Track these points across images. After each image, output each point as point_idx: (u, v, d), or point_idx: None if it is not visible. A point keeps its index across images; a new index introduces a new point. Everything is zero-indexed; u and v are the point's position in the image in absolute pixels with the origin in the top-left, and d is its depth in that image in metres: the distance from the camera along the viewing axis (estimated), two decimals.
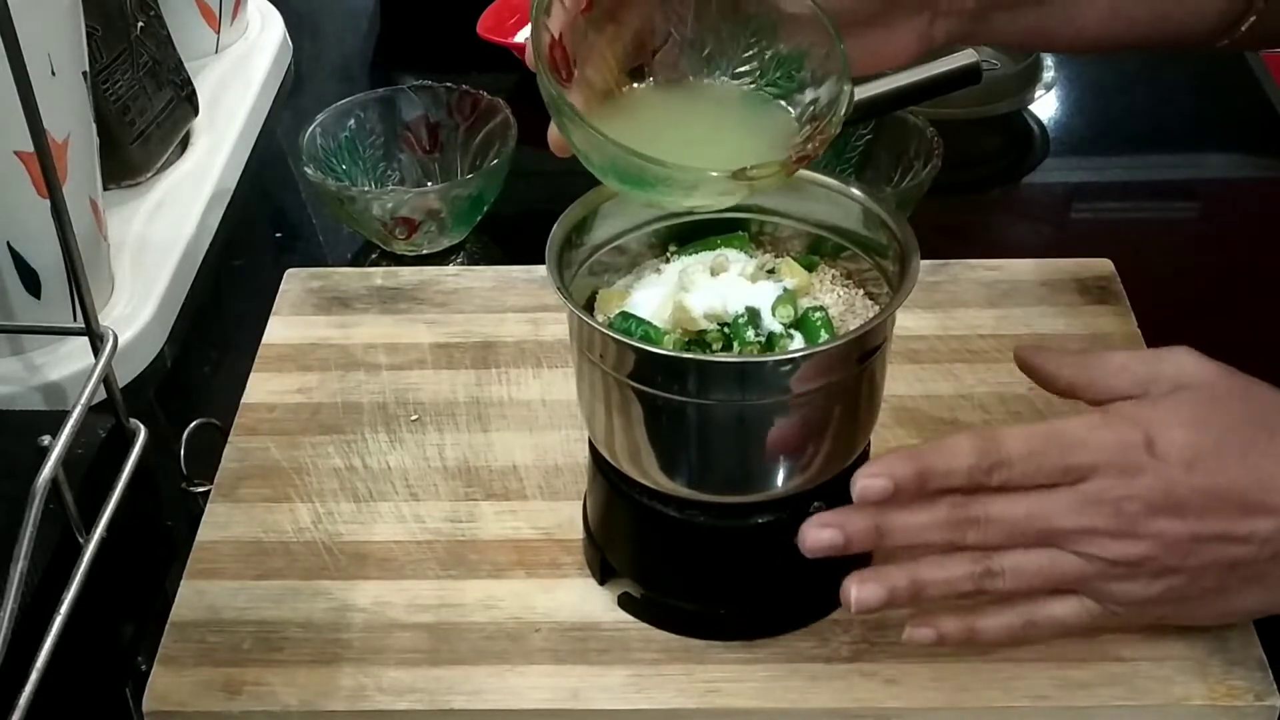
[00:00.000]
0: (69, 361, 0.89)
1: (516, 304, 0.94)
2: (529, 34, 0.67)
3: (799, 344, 0.68)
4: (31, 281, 0.87)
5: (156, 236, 1.01)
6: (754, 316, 0.69)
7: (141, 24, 1.03)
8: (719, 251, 0.73)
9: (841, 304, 0.72)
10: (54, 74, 0.82)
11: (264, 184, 1.14)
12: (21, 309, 0.87)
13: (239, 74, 1.19)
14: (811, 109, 0.69)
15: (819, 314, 0.69)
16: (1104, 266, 0.95)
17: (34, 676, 0.68)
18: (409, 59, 1.29)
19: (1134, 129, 1.18)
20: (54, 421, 0.73)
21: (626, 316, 0.70)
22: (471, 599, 0.76)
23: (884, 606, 0.66)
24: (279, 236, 1.11)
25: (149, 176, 1.06)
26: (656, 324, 0.69)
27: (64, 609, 0.72)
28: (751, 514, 0.70)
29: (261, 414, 0.87)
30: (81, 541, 0.76)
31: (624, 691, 0.71)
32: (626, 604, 0.75)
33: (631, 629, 0.74)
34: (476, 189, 1.00)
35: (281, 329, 0.93)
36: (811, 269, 0.73)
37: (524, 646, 0.73)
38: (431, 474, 0.83)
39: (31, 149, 0.72)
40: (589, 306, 0.72)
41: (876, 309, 0.71)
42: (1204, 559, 0.64)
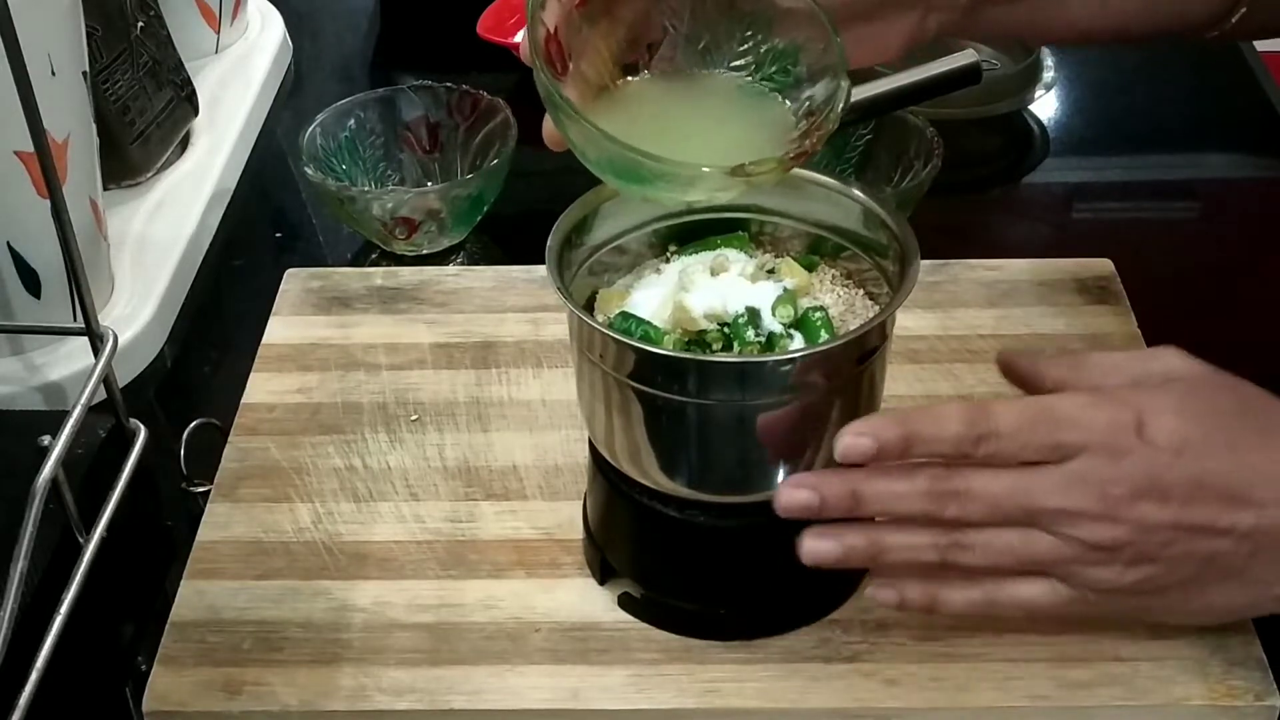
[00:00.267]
0: (69, 361, 0.89)
1: (516, 304, 0.94)
2: (525, 29, 0.67)
3: (799, 344, 0.68)
4: (31, 281, 0.87)
5: (156, 236, 1.01)
6: (754, 316, 0.69)
7: (141, 24, 1.03)
8: (719, 251, 0.73)
9: (841, 304, 0.72)
10: (54, 74, 0.82)
11: (264, 184, 1.14)
12: (21, 309, 0.87)
13: (239, 74, 1.19)
14: (808, 104, 0.69)
15: (819, 314, 0.69)
16: (1104, 266, 0.95)
17: (34, 676, 0.68)
18: (409, 59, 1.29)
19: (1134, 129, 1.17)
20: (54, 421, 0.73)
21: (626, 316, 0.70)
22: (471, 599, 0.76)
23: (839, 563, 0.65)
24: (279, 236, 1.11)
25: (149, 176, 1.06)
26: (656, 324, 0.69)
27: (64, 609, 0.72)
28: (752, 514, 0.70)
29: (261, 414, 0.87)
30: (81, 541, 0.76)
31: (624, 691, 0.71)
32: (626, 604, 0.75)
33: (631, 629, 0.74)
34: (476, 189, 1.00)
35: (281, 329, 0.93)
36: (811, 269, 0.73)
37: (524, 646, 0.73)
38: (431, 474, 0.83)
39: (31, 149, 0.72)
40: (589, 306, 0.72)
41: (876, 309, 0.71)
42: (1182, 549, 0.64)
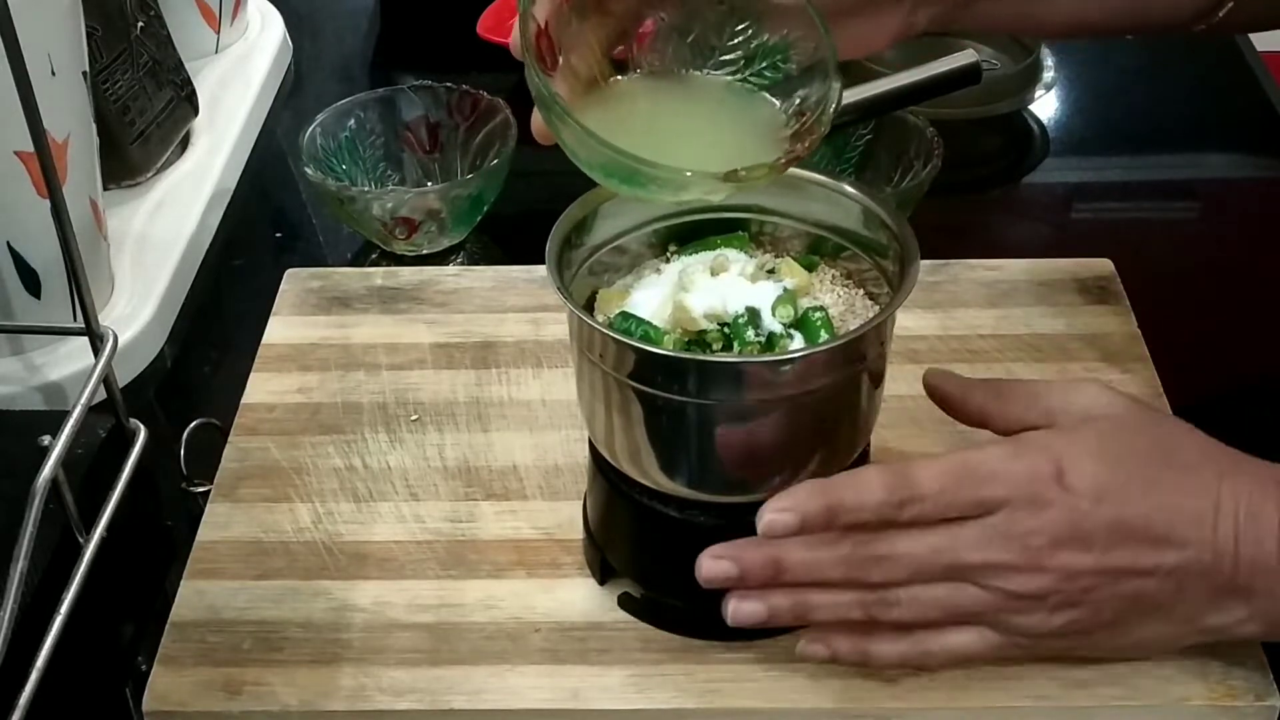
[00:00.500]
0: (69, 361, 0.89)
1: (516, 304, 0.94)
2: (516, 25, 0.67)
3: (799, 344, 0.68)
4: (31, 281, 0.87)
5: (156, 236, 1.01)
6: (754, 316, 0.69)
7: (141, 24, 1.03)
8: (719, 251, 0.73)
9: (841, 304, 0.72)
10: (54, 74, 0.82)
11: (264, 184, 1.14)
12: (21, 309, 0.87)
13: (239, 74, 1.19)
14: (799, 103, 0.69)
15: (819, 314, 0.69)
16: (1104, 266, 0.95)
17: (34, 676, 0.68)
18: (409, 59, 1.29)
19: (1134, 129, 1.17)
20: (54, 421, 0.73)
21: (626, 316, 0.70)
22: (471, 599, 0.76)
23: (764, 624, 0.66)
24: (279, 236, 1.11)
25: (149, 176, 1.06)
26: (656, 324, 0.69)
27: (64, 609, 0.72)
28: (752, 514, 0.70)
29: (261, 414, 0.87)
30: (81, 541, 0.76)
31: (624, 691, 0.71)
32: (626, 604, 0.75)
33: (631, 629, 0.74)
34: (476, 189, 1.00)
35: (281, 329, 0.93)
36: (811, 269, 0.73)
37: (524, 646, 0.73)
38: (431, 474, 0.83)
39: (31, 149, 0.72)
40: (589, 306, 0.72)
41: (876, 309, 0.71)
42: (1107, 592, 0.64)
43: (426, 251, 1.02)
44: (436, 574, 0.77)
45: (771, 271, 0.73)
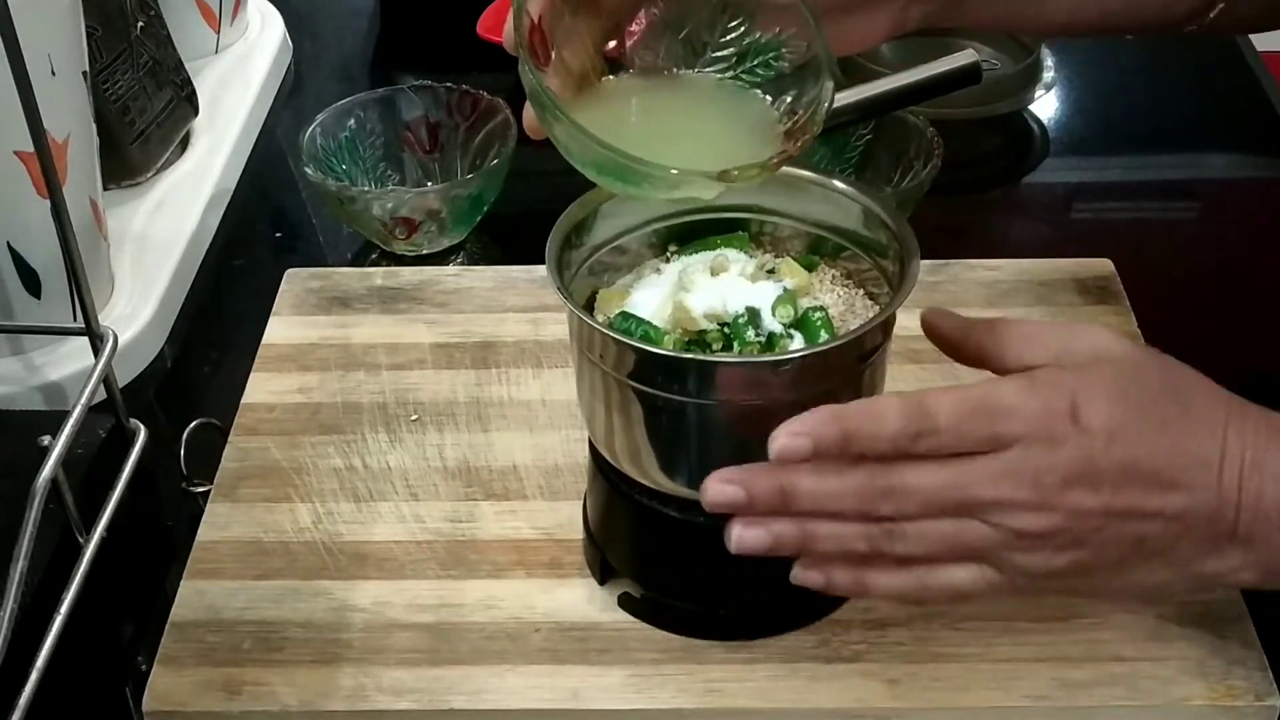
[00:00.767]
0: (69, 361, 0.89)
1: (516, 304, 0.94)
2: (509, 21, 0.67)
3: (799, 344, 0.68)
4: (31, 281, 0.87)
5: (156, 236, 1.01)
6: (754, 316, 0.69)
7: (141, 24, 1.03)
8: (719, 251, 0.73)
9: (841, 304, 0.72)
10: (54, 74, 0.82)
11: (264, 184, 1.14)
12: (21, 309, 0.87)
13: (239, 74, 1.19)
14: (791, 101, 0.69)
15: (819, 314, 0.69)
16: (1104, 266, 0.95)
17: (34, 676, 0.68)
18: (409, 59, 1.29)
19: (1134, 129, 1.17)
20: (54, 421, 0.73)
21: (626, 316, 0.70)
22: (471, 599, 0.76)
23: (768, 553, 0.63)
24: (279, 236, 1.11)
25: (149, 176, 1.06)
26: (656, 324, 0.69)
27: (64, 609, 0.72)
28: None
29: (261, 414, 0.87)
30: (81, 541, 0.76)
31: (624, 691, 0.71)
32: (626, 604, 0.75)
33: (631, 629, 0.74)
34: (476, 189, 1.00)
35: (281, 329, 0.93)
36: (811, 269, 0.73)
37: (524, 646, 0.73)
38: (431, 474, 0.83)
39: (31, 149, 0.72)
40: (589, 306, 0.72)
41: (876, 309, 0.71)
42: (1112, 533, 0.63)
43: (426, 251, 1.02)
44: (436, 574, 0.77)
45: (771, 271, 0.73)
